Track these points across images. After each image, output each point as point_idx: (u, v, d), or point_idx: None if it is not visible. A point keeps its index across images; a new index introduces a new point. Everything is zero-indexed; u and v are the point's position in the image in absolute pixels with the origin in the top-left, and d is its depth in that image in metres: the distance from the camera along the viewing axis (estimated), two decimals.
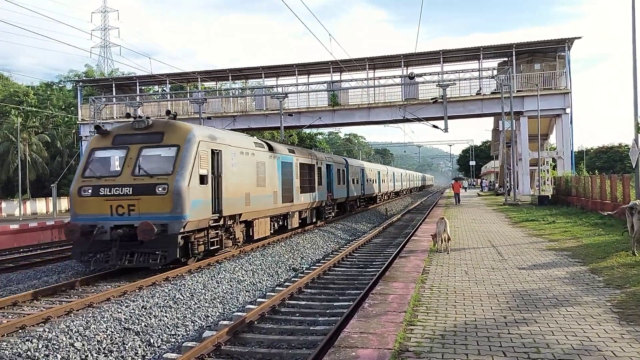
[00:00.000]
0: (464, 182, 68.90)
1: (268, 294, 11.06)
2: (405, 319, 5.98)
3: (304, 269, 14.21)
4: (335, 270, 13.85)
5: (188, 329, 8.62)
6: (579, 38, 31.95)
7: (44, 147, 51.95)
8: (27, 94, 55.29)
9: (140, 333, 7.97)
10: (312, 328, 8.62)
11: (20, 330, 7.50)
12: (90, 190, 11.58)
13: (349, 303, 9.85)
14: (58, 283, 10.99)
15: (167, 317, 8.80)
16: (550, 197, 28.90)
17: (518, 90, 32.14)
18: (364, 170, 34.08)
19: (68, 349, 7.00)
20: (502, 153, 41.80)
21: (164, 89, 44.60)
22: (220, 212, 12.92)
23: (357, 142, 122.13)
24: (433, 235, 11.99)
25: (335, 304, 10.09)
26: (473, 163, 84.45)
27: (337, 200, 25.99)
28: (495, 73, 30.89)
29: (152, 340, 7.86)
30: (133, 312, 8.56)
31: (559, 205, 25.50)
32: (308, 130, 65.79)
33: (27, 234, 21.00)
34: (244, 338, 8.08)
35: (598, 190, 20.36)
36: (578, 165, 41.59)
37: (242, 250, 14.83)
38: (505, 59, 34.98)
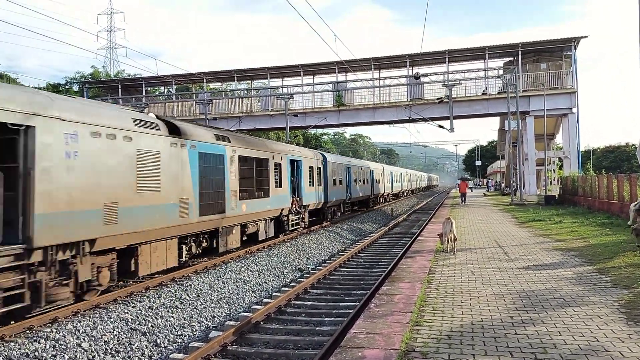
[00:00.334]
0: (470, 182, 68.70)
1: (274, 294, 11.09)
2: (412, 319, 5.98)
3: (310, 270, 14.22)
4: (341, 271, 13.85)
5: (194, 330, 8.65)
6: (586, 37, 31.91)
7: None
8: None
9: (147, 333, 8.02)
10: (318, 328, 8.63)
11: (28, 331, 7.54)
12: None
13: (355, 303, 9.86)
14: None
15: (173, 317, 8.84)
16: (557, 197, 28.79)
17: (524, 90, 32.05)
18: (350, 169, 28.91)
19: (75, 350, 7.04)
20: (508, 153, 41.58)
21: (170, 90, 44.79)
22: (28, 239, 7.42)
23: (362, 142, 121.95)
24: (440, 235, 11.97)
25: (341, 305, 10.09)
26: (479, 163, 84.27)
27: (308, 207, 20.95)
28: (501, 73, 30.81)
29: (158, 341, 7.90)
30: (140, 312, 8.61)
31: (566, 205, 25.38)
32: (313, 131, 65.88)
33: None
34: (250, 338, 8.11)
35: (605, 190, 20.25)
36: (585, 165, 41.40)
37: (247, 251, 14.83)
38: (511, 59, 34.96)
